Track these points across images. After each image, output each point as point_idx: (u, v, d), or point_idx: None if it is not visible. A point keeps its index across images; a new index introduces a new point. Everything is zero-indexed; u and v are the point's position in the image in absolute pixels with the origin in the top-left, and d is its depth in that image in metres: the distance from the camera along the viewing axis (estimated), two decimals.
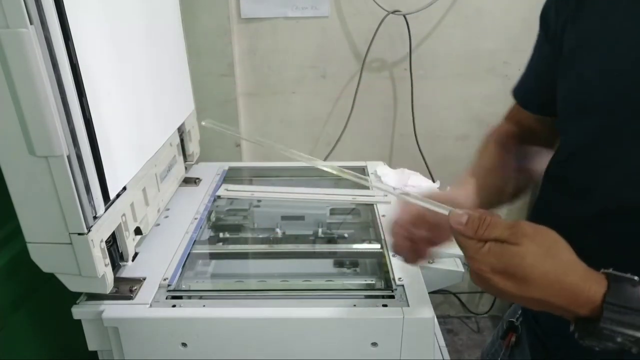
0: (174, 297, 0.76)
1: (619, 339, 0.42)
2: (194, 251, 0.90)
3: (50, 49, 0.59)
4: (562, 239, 0.46)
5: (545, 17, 0.66)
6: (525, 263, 0.44)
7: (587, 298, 0.43)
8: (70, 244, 0.67)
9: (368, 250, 0.94)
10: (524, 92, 0.73)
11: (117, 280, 0.77)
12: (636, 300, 0.43)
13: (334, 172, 0.54)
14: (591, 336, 0.44)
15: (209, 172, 1.20)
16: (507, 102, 0.75)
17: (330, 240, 1.02)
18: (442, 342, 0.89)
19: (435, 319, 0.74)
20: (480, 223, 0.46)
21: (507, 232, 0.45)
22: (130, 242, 0.82)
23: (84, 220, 0.66)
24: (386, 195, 1.06)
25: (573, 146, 0.61)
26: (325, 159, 1.66)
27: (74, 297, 0.75)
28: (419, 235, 0.57)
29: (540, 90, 0.68)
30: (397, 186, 1.11)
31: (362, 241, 0.97)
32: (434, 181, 1.62)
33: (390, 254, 0.86)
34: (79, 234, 0.66)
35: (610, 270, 0.45)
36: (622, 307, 0.42)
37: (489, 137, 0.74)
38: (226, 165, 1.24)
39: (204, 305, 0.74)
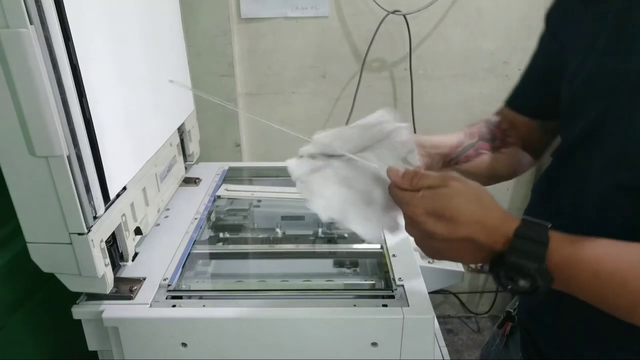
0: (174, 297, 0.76)
1: (525, 270, 0.47)
2: (194, 251, 0.90)
3: (50, 49, 0.59)
4: (486, 190, 0.52)
5: (551, 17, 0.67)
6: (453, 202, 0.49)
7: (504, 233, 0.49)
8: (70, 244, 0.67)
9: (368, 250, 0.94)
10: (520, 95, 0.74)
11: (117, 280, 0.77)
12: (541, 235, 0.48)
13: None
14: (503, 269, 0.48)
15: (209, 172, 1.20)
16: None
17: (330, 240, 1.02)
18: (442, 342, 0.89)
19: (435, 319, 0.74)
20: (414, 174, 0.52)
21: (438, 179, 0.51)
22: (130, 242, 0.82)
23: (84, 220, 0.66)
24: None
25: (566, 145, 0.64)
26: None
27: (74, 297, 0.75)
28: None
29: (541, 91, 0.70)
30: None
31: (362, 241, 0.97)
32: None
33: (391, 253, 0.86)
34: (79, 234, 0.66)
35: (527, 217, 0.50)
36: (528, 239, 0.48)
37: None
38: (226, 165, 1.24)
39: (204, 305, 0.74)
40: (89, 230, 0.67)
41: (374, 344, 0.71)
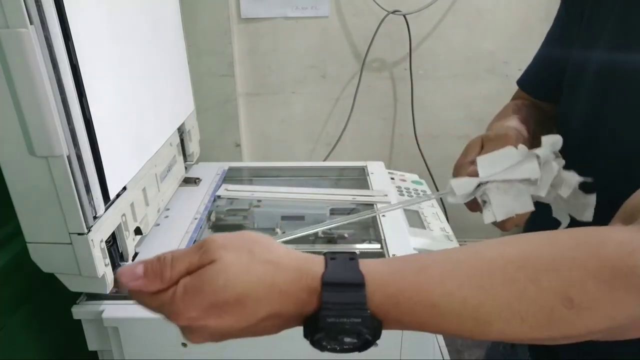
0: None
1: (347, 326, 0.35)
2: None
3: (50, 49, 0.59)
4: (260, 235, 0.38)
5: None
6: (230, 278, 0.34)
7: (310, 289, 0.35)
8: (70, 244, 0.67)
9: (368, 250, 0.93)
10: (534, 78, 0.71)
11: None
12: (353, 272, 0.35)
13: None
14: (321, 333, 0.36)
15: (209, 172, 1.20)
16: (507, 102, 0.75)
17: (330, 240, 1.01)
18: (442, 342, 0.89)
19: None
20: (161, 264, 0.36)
21: (196, 255, 0.36)
22: (130, 242, 0.82)
23: (84, 220, 0.66)
24: (386, 195, 1.06)
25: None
26: (325, 159, 1.66)
27: (74, 297, 0.75)
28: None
29: (556, 74, 0.66)
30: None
31: (362, 241, 0.97)
32: (433, 180, 1.63)
33: (391, 253, 0.86)
34: (79, 234, 0.66)
35: (329, 251, 0.37)
36: (340, 284, 0.35)
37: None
38: (226, 165, 1.24)
39: None
40: (89, 230, 0.67)
41: (374, 344, 0.71)
